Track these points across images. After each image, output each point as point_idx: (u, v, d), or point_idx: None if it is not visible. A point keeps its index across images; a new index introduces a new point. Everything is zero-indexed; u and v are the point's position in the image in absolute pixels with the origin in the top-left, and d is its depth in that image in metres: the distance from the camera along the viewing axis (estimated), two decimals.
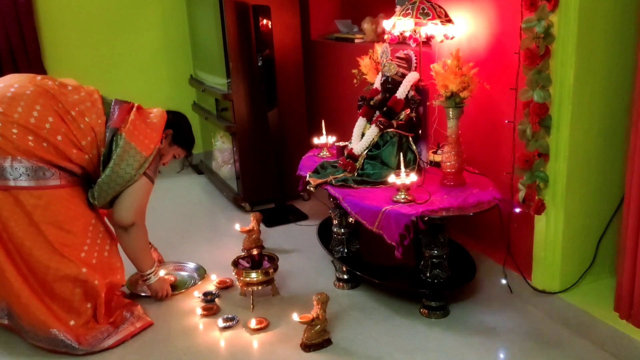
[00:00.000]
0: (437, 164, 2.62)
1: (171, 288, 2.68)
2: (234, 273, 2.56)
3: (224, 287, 2.71)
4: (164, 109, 2.69)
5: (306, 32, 3.93)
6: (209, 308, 2.51)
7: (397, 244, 2.21)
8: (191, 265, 2.91)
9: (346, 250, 2.69)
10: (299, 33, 3.64)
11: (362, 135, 2.68)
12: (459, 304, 2.49)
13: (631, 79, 2.17)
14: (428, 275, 2.39)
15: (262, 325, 2.37)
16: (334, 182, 2.55)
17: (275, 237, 3.29)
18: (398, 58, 2.65)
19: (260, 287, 2.54)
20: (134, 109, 2.46)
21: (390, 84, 2.61)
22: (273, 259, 2.61)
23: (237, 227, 3.01)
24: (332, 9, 4.00)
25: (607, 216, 2.34)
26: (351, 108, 3.29)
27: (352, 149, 2.67)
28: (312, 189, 2.60)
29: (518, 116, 2.29)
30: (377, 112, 2.66)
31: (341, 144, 2.87)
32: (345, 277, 2.69)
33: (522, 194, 2.29)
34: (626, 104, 2.23)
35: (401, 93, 2.56)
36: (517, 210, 2.36)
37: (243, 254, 2.74)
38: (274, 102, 3.47)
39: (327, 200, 3.36)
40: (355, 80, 2.92)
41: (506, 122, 2.35)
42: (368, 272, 2.56)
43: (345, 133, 3.00)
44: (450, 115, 2.39)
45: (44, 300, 2.24)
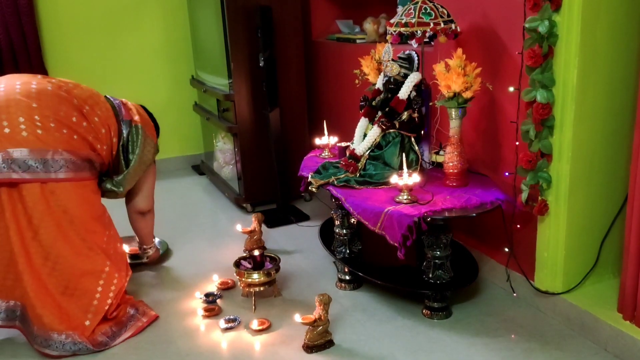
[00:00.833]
0: (439, 165, 2.61)
1: (133, 258, 2.96)
2: (235, 274, 2.56)
3: (226, 288, 2.70)
4: (166, 109, 2.78)
5: (307, 32, 3.93)
6: (210, 309, 2.50)
7: (400, 245, 2.20)
8: (155, 240, 3.06)
9: (348, 251, 2.68)
10: (300, 33, 3.63)
11: (364, 135, 2.68)
12: (462, 305, 2.48)
13: (635, 79, 2.16)
14: (430, 276, 2.38)
15: (264, 327, 2.37)
16: (336, 182, 2.54)
17: (277, 238, 3.29)
18: (400, 58, 2.65)
19: (262, 288, 2.53)
20: (130, 104, 2.69)
21: (393, 84, 2.60)
22: (275, 260, 2.60)
23: (239, 227, 3.00)
24: (333, 9, 3.99)
25: (611, 217, 2.33)
26: (353, 108, 3.28)
27: (354, 149, 2.66)
28: (314, 189, 2.59)
29: (521, 116, 2.28)
30: (379, 113, 2.65)
31: (343, 144, 2.86)
32: (347, 278, 2.68)
33: (525, 195, 2.27)
34: (630, 104, 2.22)
35: (403, 93, 2.55)
36: (520, 211, 2.35)
37: (245, 254, 2.74)
38: (276, 102, 3.46)
39: (328, 201, 3.36)
40: (357, 81, 2.91)
41: (510, 122, 2.34)
42: (370, 273, 2.55)
43: (347, 133, 2.99)
44: (453, 116, 2.38)
45: (62, 302, 2.24)
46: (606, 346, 2.13)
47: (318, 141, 3.02)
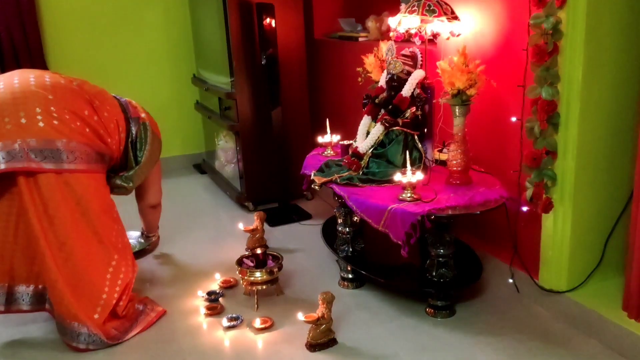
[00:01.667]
0: (443, 163, 2.60)
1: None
2: (238, 272, 2.55)
3: (228, 286, 2.69)
4: (168, 108, 2.80)
5: (310, 30, 3.92)
6: (213, 307, 2.49)
7: (403, 243, 2.19)
8: (137, 233, 3.22)
9: (351, 250, 2.67)
10: (302, 32, 3.62)
11: (367, 133, 2.67)
12: (465, 304, 2.47)
13: None
14: (434, 274, 2.37)
15: (267, 325, 2.35)
16: (338, 180, 2.53)
17: (279, 236, 3.28)
18: (403, 56, 2.64)
19: (264, 287, 2.52)
20: (134, 102, 2.74)
21: (396, 82, 2.59)
22: (277, 258, 2.59)
23: (241, 226, 2.99)
24: (335, 7, 3.98)
25: (616, 214, 2.32)
26: (356, 106, 3.27)
27: (357, 147, 2.65)
28: (316, 187, 2.58)
29: (526, 114, 2.27)
30: (382, 110, 2.64)
31: (346, 142, 2.85)
32: (350, 276, 2.67)
33: (529, 193, 2.26)
34: (635, 100, 2.21)
35: (407, 91, 2.54)
36: (525, 208, 2.34)
37: (247, 253, 2.73)
38: (278, 100, 3.45)
39: (330, 199, 3.35)
40: (359, 79, 2.90)
41: (514, 119, 2.33)
42: (373, 271, 2.54)
43: (349, 131, 2.98)
44: (457, 113, 2.37)
45: (73, 293, 2.24)
46: (611, 344, 2.12)
47: (320, 139, 3.01)
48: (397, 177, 2.35)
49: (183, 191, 4.19)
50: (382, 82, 2.70)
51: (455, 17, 2.47)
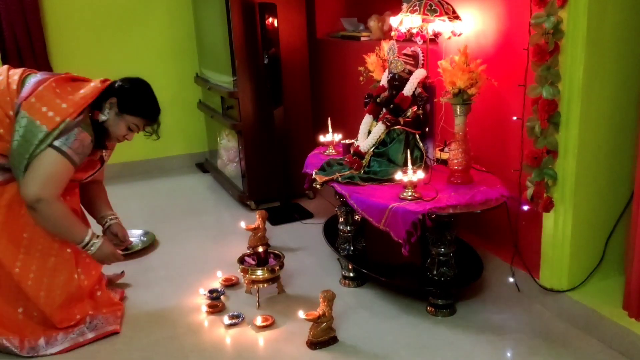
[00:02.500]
0: (444, 162, 2.60)
1: (125, 250, 2.85)
2: (239, 270, 2.55)
3: (230, 284, 2.70)
4: (170, 107, 2.58)
5: (312, 30, 3.92)
6: (214, 305, 2.50)
7: (404, 242, 2.19)
8: (140, 231, 3.26)
9: (352, 248, 2.68)
10: (304, 31, 3.63)
11: (369, 132, 2.67)
12: (466, 302, 2.47)
13: None
14: (435, 273, 2.37)
15: (268, 323, 2.36)
16: (340, 179, 2.54)
17: (281, 235, 3.28)
18: (405, 55, 2.64)
19: (266, 285, 2.53)
20: (52, 79, 2.26)
21: (397, 81, 2.60)
22: (279, 257, 2.60)
23: (243, 224, 3.00)
24: (337, 7, 3.99)
25: (616, 214, 2.32)
26: (357, 106, 3.28)
27: (358, 146, 2.66)
28: (318, 186, 2.59)
29: (527, 113, 2.27)
30: (384, 110, 2.65)
31: (347, 141, 2.86)
32: (351, 275, 2.67)
33: (530, 192, 2.27)
34: (636, 100, 2.21)
35: (408, 90, 2.54)
36: (525, 208, 2.34)
37: (249, 251, 2.74)
38: (280, 100, 3.46)
39: (332, 198, 3.35)
40: (361, 78, 2.91)
41: (515, 119, 2.34)
42: (374, 269, 2.54)
43: (351, 130, 2.99)
44: (458, 112, 2.38)
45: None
46: (611, 344, 2.12)
47: (322, 138, 3.02)
48: (398, 176, 2.36)
49: (185, 190, 4.20)
50: (384, 82, 2.70)
51: (457, 17, 2.47)
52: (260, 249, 2.59)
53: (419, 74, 2.54)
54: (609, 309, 2.17)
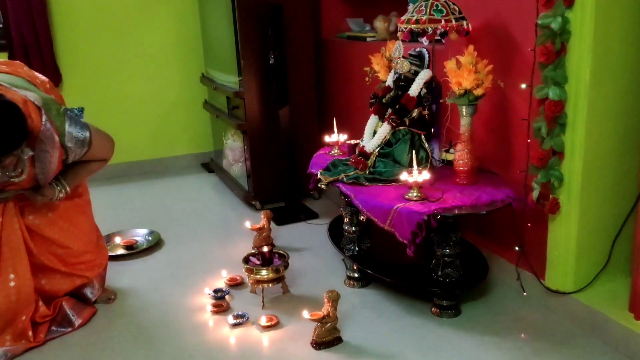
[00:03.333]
0: (449, 163, 2.60)
1: (130, 249, 3.10)
2: (244, 270, 2.56)
3: (234, 284, 2.71)
4: (176, 107, 2.55)
5: (318, 30, 3.93)
6: (219, 305, 2.50)
7: (409, 242, 2.19)
8: (145, 230, 3.33)
9: (357, 249, 2.67)
10: (311, 32, 3.64)
11: (374, 133, 2.67)
12: (471, 304, 2.47)
13: None
14: (440, 274, 2.37)
15: (273, 323, 2.36)
16: (345, 179, 2.54)
17: (286, 235, 3.28)
18: (411, 55, 2.64)
19: (270, 285, 2.53)
20: None
21: (403, 82, 2.59)
22: (283, 257, 2.60)
23: (248, 224, 3.01)
24: (343, 7, 3.99)
25: (623, 215, 2.31)
26: (362, 106, 3.27)
27: (363, 146, 2.65)
28: (323, 186, 2.59)
29: (533, 114, 2.26)
30: (390, 110, 2.64)
31: (353, 142, 2.86)
32: (356, 275, 2.67)
33: (536, 193, 2.26)
34: None
35: (414, 91, 2.54)
36: (531, 209, 2.33)
37: (254, 251, 2.74)
38: (286, 100, 3.46)
39: (337, 199, 3.36)
40: (367, 78, 2.90)
41: (521, 119, 2.33)
42: (379, 270, 2.54)
43: (356, 131, 2.98)
44: (464, 113, 2.37)
45: None
46: (617, 346, 2.11)
47: (328, 139, 3.02)
48: (404, 176, 2.35)
49: (191, 190, 4.21)
50: (390, 82, 2.70)
51: (463, 17, 2.46)
52: (265, 249, 2.59)
53: (424, 75, 2.54)
54: (615, 311, 2.16)
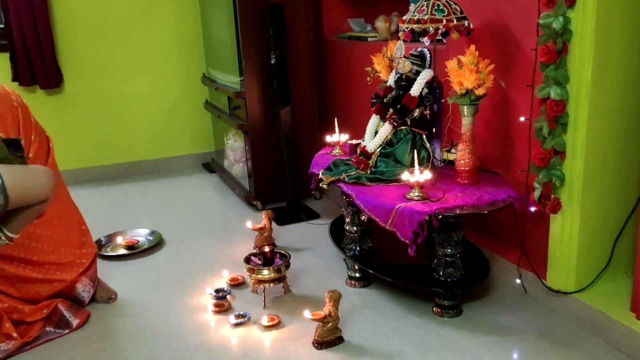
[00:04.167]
0: (451, 162, 2.60)
1: (132, 249, 3.10)
2: (245, 270, 2.56)
3: (236, 284, 2.71)
4: (177, 107, 2.57)
5: (319, 31, 3.93)
6: (220, 305, 2.50)
7: (411, 242, 2.19)
8: (146, 230, 3.33)
9: (358, 248, 2.67)
10: (312, 32, 3.64)
11: (376, 132, 2.67)
12: (472, 303, 2.47)
13: None
14: (441, 274, 2.37)
15: (274, 323, 2.36)
16: (346, 179, 2.54)
17: (287, 235, 3.29)
18: (412, 55, 2.64)
19: (272, 285, 2.53)
20: None
21: (404, 82, 2.60)
22: (285, 257, 2.60)
23: (249, 224, 3.01)
24: (345, 7, 3.99)
25: (624, 215, 2.31)
26: (364, 106, 3.28)
27: (365, 146, 2.66)
28: (324, 186, 2.59)
29: (534, 113, 2.26)
30: (391, 110, 2.64)
31: (354, 141, 2.86)
32: (357, 275, 2.67)
33: (537, 193, 2.26)
34: None
35: (415, 90, 2.54)
36: (532, 209, 2.33)
37: (255, 251, 2.74)
38: (287, 100, 3.47)
39: (338, 199, 3.36)
40: (368, 78, 2.90)
41: (522, 119, 2.33)
42: (380, 270, 2.54)
43: (358, 131, 2.99)
44: (465, 113, 2.37)
45: None
46: (619, 346, 2.11)
47: (329, 139, 3.02)
48: (405, 176, 2.35)
49: (192, 190, 4.21)
50: (391, 82, 2.70)
51: (464, 17, 2.46)
52: (267, 249, 2.59)
53: (426, 74, 2.54)
54: (616, 311, 2.16)
